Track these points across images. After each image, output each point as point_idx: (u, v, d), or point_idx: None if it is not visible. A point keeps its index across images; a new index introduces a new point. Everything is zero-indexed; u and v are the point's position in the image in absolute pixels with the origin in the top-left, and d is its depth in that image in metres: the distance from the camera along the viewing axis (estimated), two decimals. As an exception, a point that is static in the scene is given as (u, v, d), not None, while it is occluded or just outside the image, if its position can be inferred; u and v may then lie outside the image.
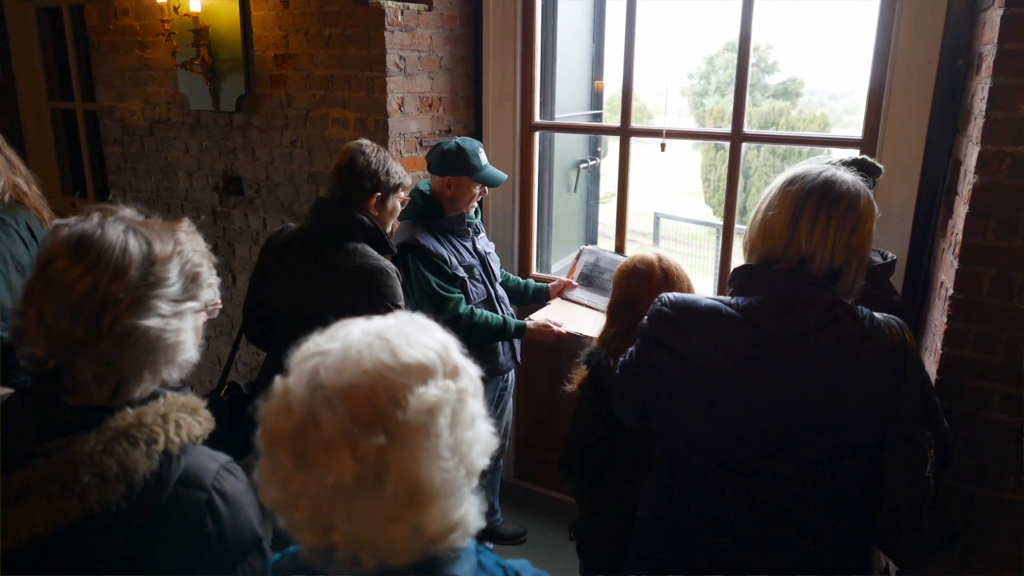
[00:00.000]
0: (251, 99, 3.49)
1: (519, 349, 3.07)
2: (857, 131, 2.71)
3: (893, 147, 2.56)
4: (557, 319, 2.91)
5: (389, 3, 2.97)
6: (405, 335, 0.88)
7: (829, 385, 1.42)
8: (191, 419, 1.09)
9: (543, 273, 3.60)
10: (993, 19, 1.85)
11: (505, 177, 2.92)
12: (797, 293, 1.44)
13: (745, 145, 2.91)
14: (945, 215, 2.28)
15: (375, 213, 2.44)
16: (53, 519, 0.97)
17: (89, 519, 0.98)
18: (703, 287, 7.04)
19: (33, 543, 0.97)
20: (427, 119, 3.27)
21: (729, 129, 2.88)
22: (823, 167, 1.48)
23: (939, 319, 2.04)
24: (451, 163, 2.75)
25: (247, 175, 3.64)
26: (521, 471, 3.78)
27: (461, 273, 2.77)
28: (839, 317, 1.43)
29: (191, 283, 1.13)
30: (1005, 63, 1.76)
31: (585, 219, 4.48)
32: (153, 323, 1.06)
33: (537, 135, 3.44)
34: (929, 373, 1.98)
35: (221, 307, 1.23)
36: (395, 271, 2.39)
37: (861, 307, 1.48)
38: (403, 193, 2.53)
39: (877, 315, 1.47)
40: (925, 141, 2.49)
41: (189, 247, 1.15)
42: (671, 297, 1.57)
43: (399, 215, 2.81)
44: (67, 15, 4.63)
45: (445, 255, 2.73)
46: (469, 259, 2.85)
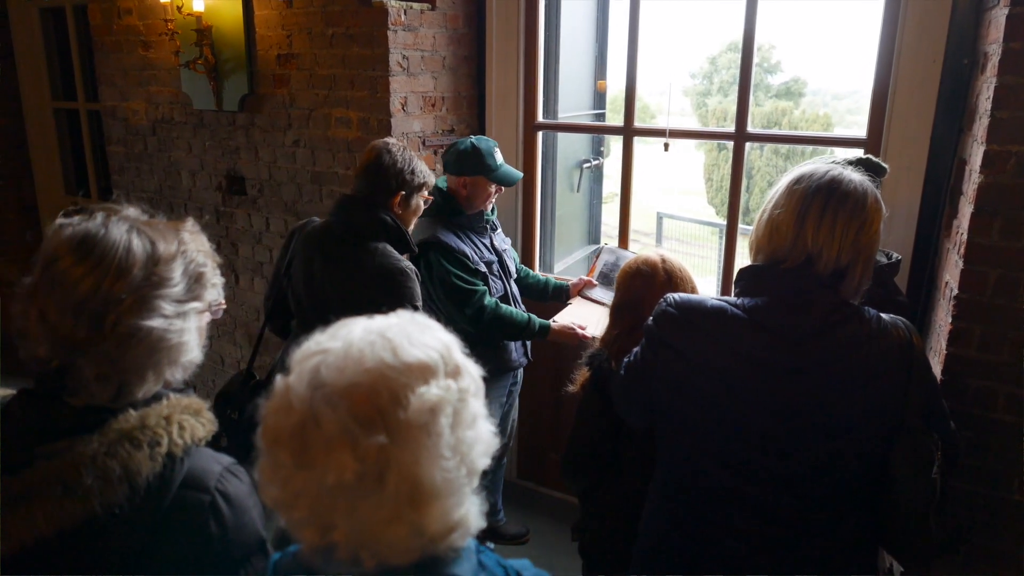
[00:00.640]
0: (254, 99, 3.49)
1: (530, 346, 3.07)
2: (861, 131, 2.70)
3: (897, 147, 2.55)
4: (580, 320, 2.91)
5: (392, 3, 2.97)
6: (407, 334, 0.88)
7: (835, 386, 1.41)
8: (194, 421, 1.08)
9: (546, 272, 3.59)
10: (998, 18, 1.84)
11: (520, 176, 2.91)
12: (803, 294, 1.43)
13: (748, 145, 2.91)
14: (950, 215, 2.27)
15: (399, 212, 2.45)
16: (56, 521, 0.96)
17: (92, 521, 0.98)
18: (706, 287, 7.02)
19: (36, 545, 0.96)
20: (430, 119, 3.27)
21: (733, 128, 2.88)
22: (829, 166, 1.47)
23: (944, 319, 2.03)
24: (466, 163, 2.75)
25: (250, 175, 3.64)
26: (524, 471, 3.78)
27: (483, 268, 2.78)
28: (846, 318, 1.43)
29: (195, 283, 1.12)
30: (1010, 62, 1.75)
31: (588, 219, 4.48)
32: (156, 323, 1.05)
33: (540, 135, 3.43)
34: (935, 374, 1.98)
35: (225, 307, 1.23)
36: (415, 272, 2.40)
37: (868, 308, 1.47)
38: (427, 192, 2.54)
39: (884, 316, 1.46)
40: (930, 141, 2.49)
41: (193, 247, 1.14)
42: (676, 298, 1.56)
43: None
44: (70, 15, 4.64)
45: (467, 251, 2.74)
46: (488, 255, 2.85)
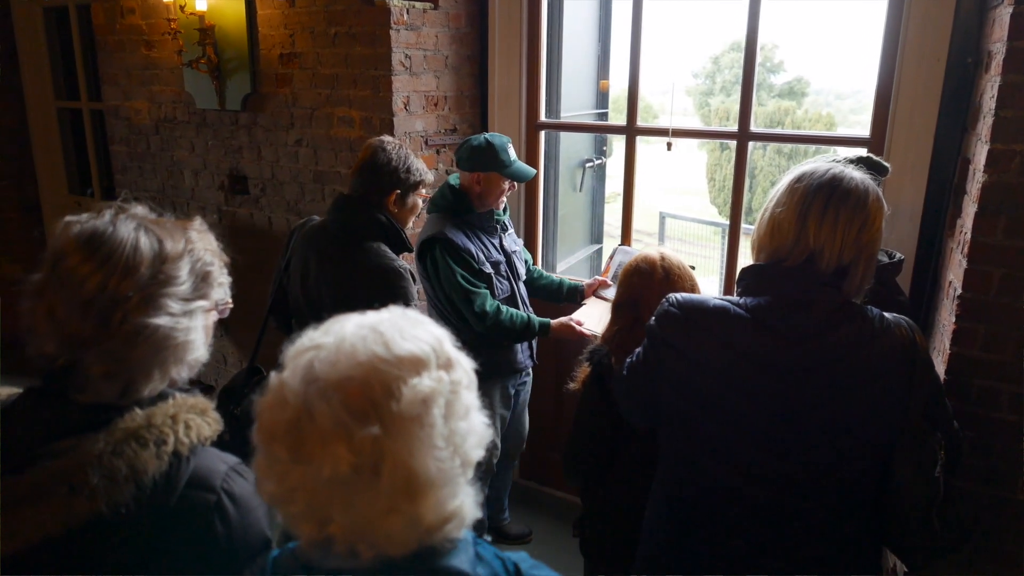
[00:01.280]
0: (257, 98, 3.49)
1: (536, 348, 3.07)
2: (864, 130, 2.70)
3: (901, 146, 2.55)
4: (590, 319, 2.91)
5: (395, 2, 2.97)
6: (399, 328, 0.89)
7: (838, 386, 1.41)
8: (200, 420, 1.09)
9: (548, 272, 3.59)
10: (1003, 17, 1.83)
11: (534, 172, 2.91)
12: (806, 293, 1.43)
13: (751, 144, 2.90)
14: (954, 214, 2.26)
15: (394, 210, 2.46)
16: (62, 521, 0.96)
17: (98, 520, 0.98)
18: (709, 287, 7.02)
19: (42, 544, 0.97)
20: (432, 118, 3.27)
21: (736, 128, 2.88)
22: (830, 165, 1.47)
23: (947, 319, 2.03)
24: (480, 159, 2.75)
25: (252, 174, 3.64)
26: (527, 470, 3.78)
27: (487, 269, 2.77)
28: (849, 317, 1.43)
29: (201, 282, 1.12)
30: (1015, 61, 1.75)
31: (591, 218, 4.47)
32: (163, 321, 1.05)
33: (543, 134, 3.43)
34: (938, 374, 1.97)
35: (232, 306, 1.23)
36: (409, 271, 2.41)
37: (871, 307, 1.47)
38: (424, 190, 2.54)
39: (887, 315, 1.46)
40: (933, 140, 2.48)
41: (200, 246, 1.15)
42: (679, 297, 1.56)
43: (427, 209, 2.84)
44: (73, 14, 4.64)
45: (472, 250, 2.73)
46: (496, 256, 2.84)
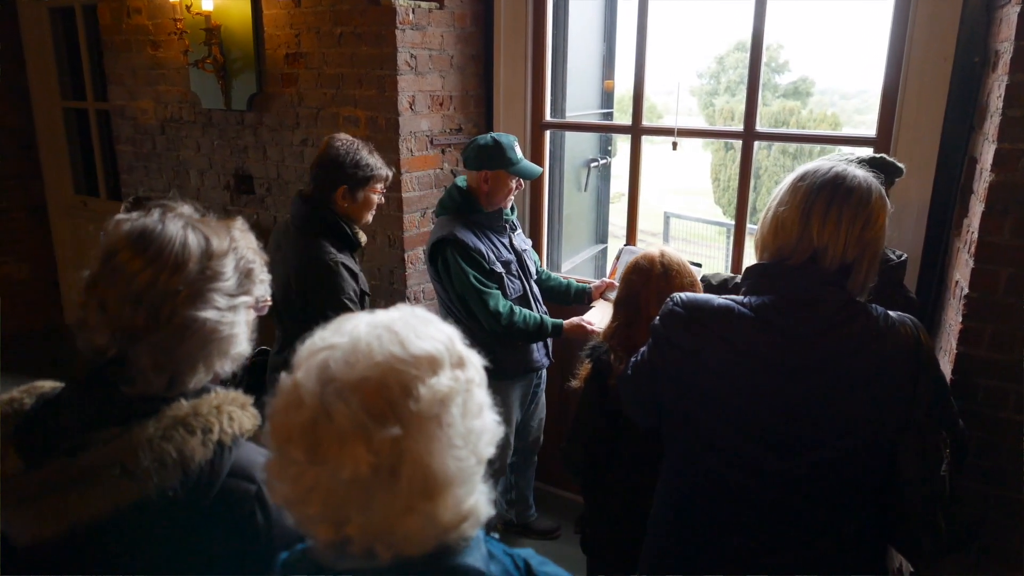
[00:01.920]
0: (262, 98, 3.50)
1: (551, 346, 3.07)
2: (870, 130, 2.70)
3: (908, 145, 2.54)
4: (602, 321, 2.90)
5: (400, 2, 2.97)
6: (412, 327, 0.89)
7: (843, 384, 1.41)
8: (241, 413, 1.13)
9: (552, 272, 3.59)
10: (1010, 16, 1.83)
11: (540, 170, 2.91)
12: (810, 291, 1.43)
13: (756, 144, 2.90)
14: (960, 213, 2.26)
15: (344, 205, 2.51)
16: (112, 502, 1.00)
17: (144, 505, 1.02)
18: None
19: (89, 526, 1.01)
20: (438, 117, 3.27)
21: (741, 127, 2.87)
22: (833, 163, 1.47)
23: (954, 318, 2.02)
24: (487, 157, 2.76)
25: (258, 174, 3.65)
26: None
27: (499, 268, 2.78)
28: (853, 316, 1.42)
29: (245, 278, 1.17)
30: (1022, 60, 1.74)
31: (595, 218, 4.47)
32: (210, 315, 1.09)
33: (548, 134, 3.44)
34: (944, 373, 1.96)
35: (270, 304, 1.28)
36: (345, 266, 2.47)
37: (875, 305, 1.47)
38: (380, 186, 2.57)
39: (891, 314, 1.46)
40: (940, 139, 2.48)
41: (243, 244, 1.19)
42: (683, 297, 1.56)
43: (436, 212, 2.88)
44: (80, 14, 4.66)
45: (483, 250, 2.74)
46: (506, 255, 2.85)
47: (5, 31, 4.89)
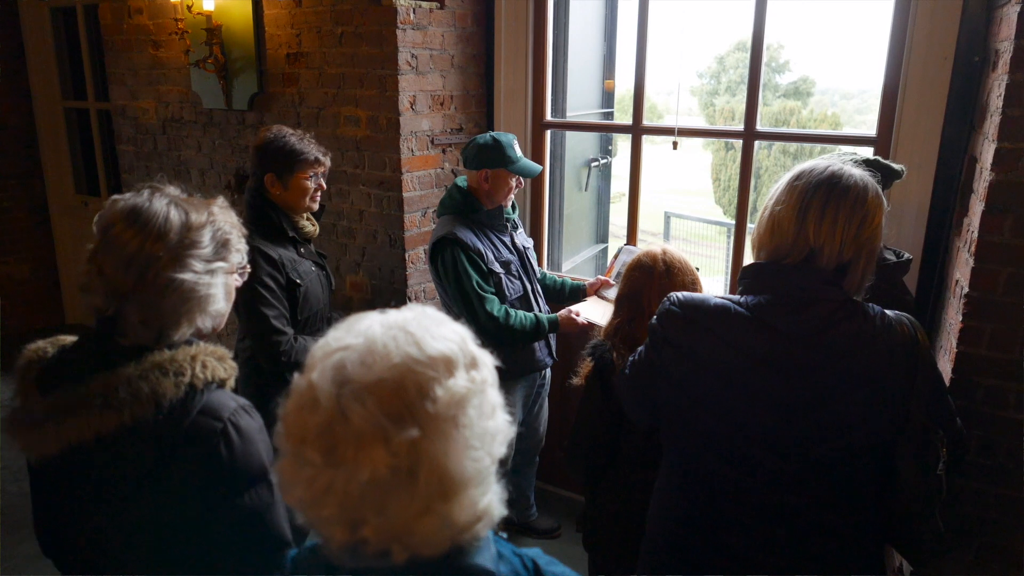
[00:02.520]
0: (263, 97, 3.51)
1: (555, 346, 3.07)
2: (870, 130, 2.70)
3: (908, 145, 2.54)
4: (593, 314, 2.90)
5: (401, 1, 2.98)
6: (426, 328, 0.89)
7: (840, 383, 1.41)
8: (216, 363, 1.31)
9: (553, 271, 3.59)
10: (1010, 15, 1.83)
11: (540, 169, 2.91)
12: (807, 291, 1.43)
13: (757, 144, 2.90)
14: (960, 213, 2.26)
15: (276, 192, 2.52)
16: (96, 428, 1.20)
17: (123, 432, 1.21)
18: (714, 287, 7.01)
19: (79, 448, 1.20)
20: (439, 117, 3.28)
21: (742, 127, 2.88)
22: (829, 162, 1.47)
23: (954, 318, 2.02)
24: (487, 156, 2.76)
25: (259, 173, 3.65)
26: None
27: (497, 269, 2.78)
28: (850, 315, 1.42)
29: (222, 247, 1.35)
30: (1022, 59, 1.74)
31: (596, 218, 4.48)
32: (188, 277, 1.28)
33: (548, 133, 3.44)
34: (944, 372, 1.97)
35: (249, 271, 1.47)
36: (260, 252, 2.41)
37: (872, 305, 1.47)
38: (309, 171, 2.53)
39: (888, 313, 1.46)
40: (940, 138, 2.48)
41: (222, 218, 1.38)
42: (680, 296, 1.56)
43: (437, 212, 2.87)
44: (81, 14, 4.67)
45: (482, 250, 2.74)
46: (507, 255, 2.85)
47: (6, 31, 4.90)
